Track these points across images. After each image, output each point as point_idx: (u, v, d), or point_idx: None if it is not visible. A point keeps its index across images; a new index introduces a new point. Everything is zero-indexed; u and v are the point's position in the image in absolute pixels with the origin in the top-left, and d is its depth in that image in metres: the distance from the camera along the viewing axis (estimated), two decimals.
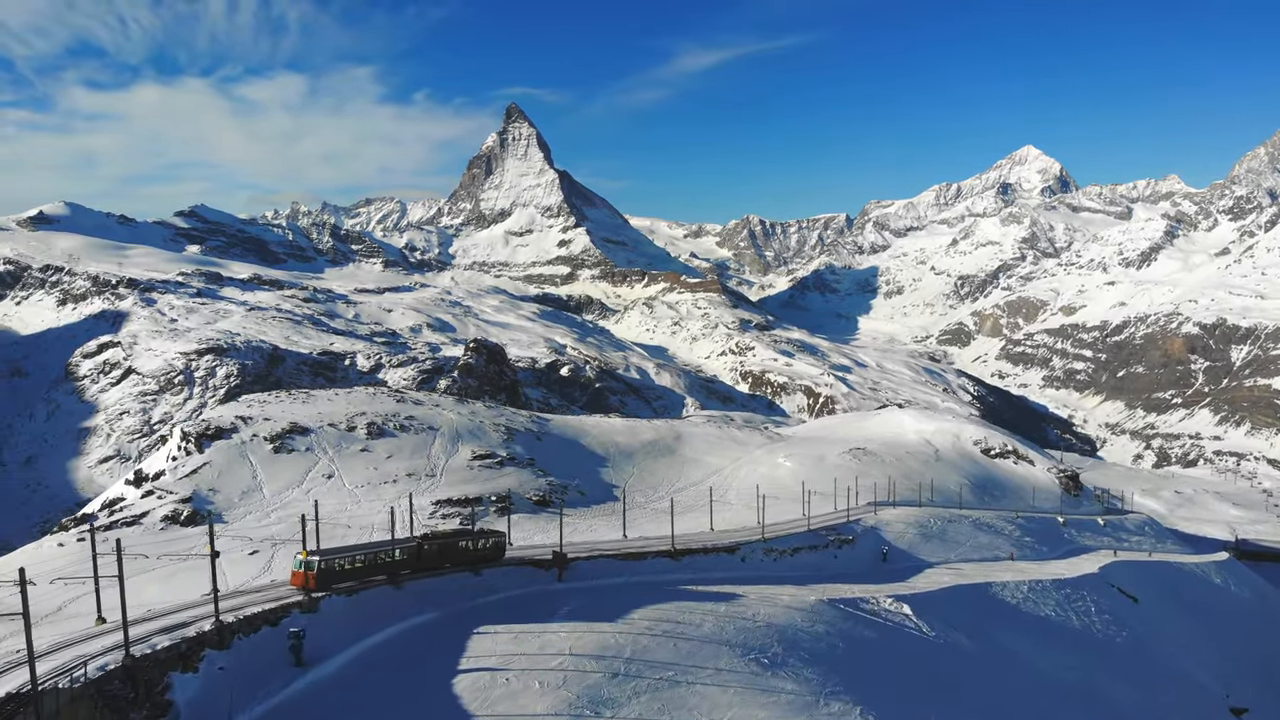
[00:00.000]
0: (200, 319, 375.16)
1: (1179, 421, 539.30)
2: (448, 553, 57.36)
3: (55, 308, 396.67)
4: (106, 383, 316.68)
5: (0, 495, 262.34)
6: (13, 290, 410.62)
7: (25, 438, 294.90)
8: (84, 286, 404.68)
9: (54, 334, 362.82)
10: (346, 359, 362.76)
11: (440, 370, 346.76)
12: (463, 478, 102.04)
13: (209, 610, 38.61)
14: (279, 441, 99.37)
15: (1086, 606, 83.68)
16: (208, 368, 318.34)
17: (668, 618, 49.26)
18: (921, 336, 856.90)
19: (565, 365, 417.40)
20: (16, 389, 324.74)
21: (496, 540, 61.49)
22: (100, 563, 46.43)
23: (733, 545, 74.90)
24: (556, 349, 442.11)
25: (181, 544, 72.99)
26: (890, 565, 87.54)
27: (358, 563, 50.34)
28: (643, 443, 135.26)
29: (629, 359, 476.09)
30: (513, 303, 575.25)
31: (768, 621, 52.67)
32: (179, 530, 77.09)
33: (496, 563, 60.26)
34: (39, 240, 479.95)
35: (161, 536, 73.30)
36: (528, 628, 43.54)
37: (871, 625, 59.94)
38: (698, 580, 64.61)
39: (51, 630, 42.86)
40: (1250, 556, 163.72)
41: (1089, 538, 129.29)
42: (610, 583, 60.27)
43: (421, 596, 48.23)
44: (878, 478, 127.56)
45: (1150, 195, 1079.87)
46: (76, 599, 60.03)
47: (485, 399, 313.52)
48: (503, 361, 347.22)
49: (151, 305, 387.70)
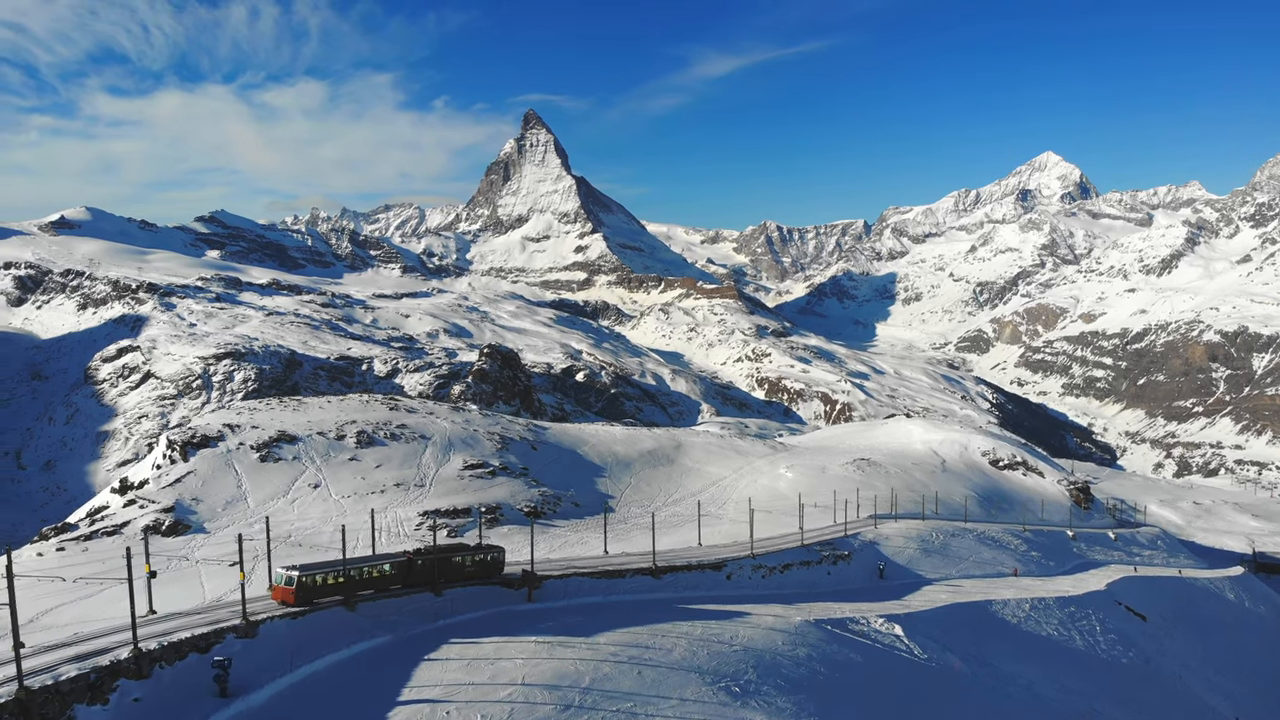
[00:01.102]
0: (219, 324, 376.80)
1: (1200, 430, 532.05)
2: (442, 568, 55.14)
3: (75, 312, 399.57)
4: (125, 386, 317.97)
5: (20, 498, 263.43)
6: (34, 294, 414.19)
7: (45, 441, 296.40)
8: (104, 291, 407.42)
9: (74, 338, 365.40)
10: (364, 364, 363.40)
11: (456, 375, 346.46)
12: (453, 488, 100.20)
13: (151, 631, 37.16)
14: (266, 450, 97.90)
15: (1091, 626, 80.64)
16: (225, 372, 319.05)
17: (637, 642, 47.02)
18: (940, 343, 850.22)
19: (581, 371, 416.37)
20: (37, 392, 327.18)
21: (494, 555, 59.18)
22: (77, 572, 45.27)
23: (719, 562, 71.90)
24: (572, 354, 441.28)
25: (161, 555, 71.84)
26: (887, 582, 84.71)
27: (342, 577, 48.54)
28: (641, 452, 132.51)
29: (644, 365, 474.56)
30: (529, 308, 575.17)
31: (745, 645, 50.28)
32: (160, 541, 75.74)
33: (490, 580, 58.03)
34: (60, 245, 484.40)
35: (141, 547, 71.98)
36: (483, 653, 41.29)
37: (859, 648, 57.15)
38: (678, 600, 62.01)
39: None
40: (1268, 569, 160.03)
41: (1099, 552, 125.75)
42: (583, 602, 57.89)
43: (376, 619, 46.10)
44: (881, 489, 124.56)
45: (1171, 201, 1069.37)
46: (48, 612, 58.78)
47: (499, 404, 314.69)
48: (517, 367, 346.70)
49: (171, 310, 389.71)
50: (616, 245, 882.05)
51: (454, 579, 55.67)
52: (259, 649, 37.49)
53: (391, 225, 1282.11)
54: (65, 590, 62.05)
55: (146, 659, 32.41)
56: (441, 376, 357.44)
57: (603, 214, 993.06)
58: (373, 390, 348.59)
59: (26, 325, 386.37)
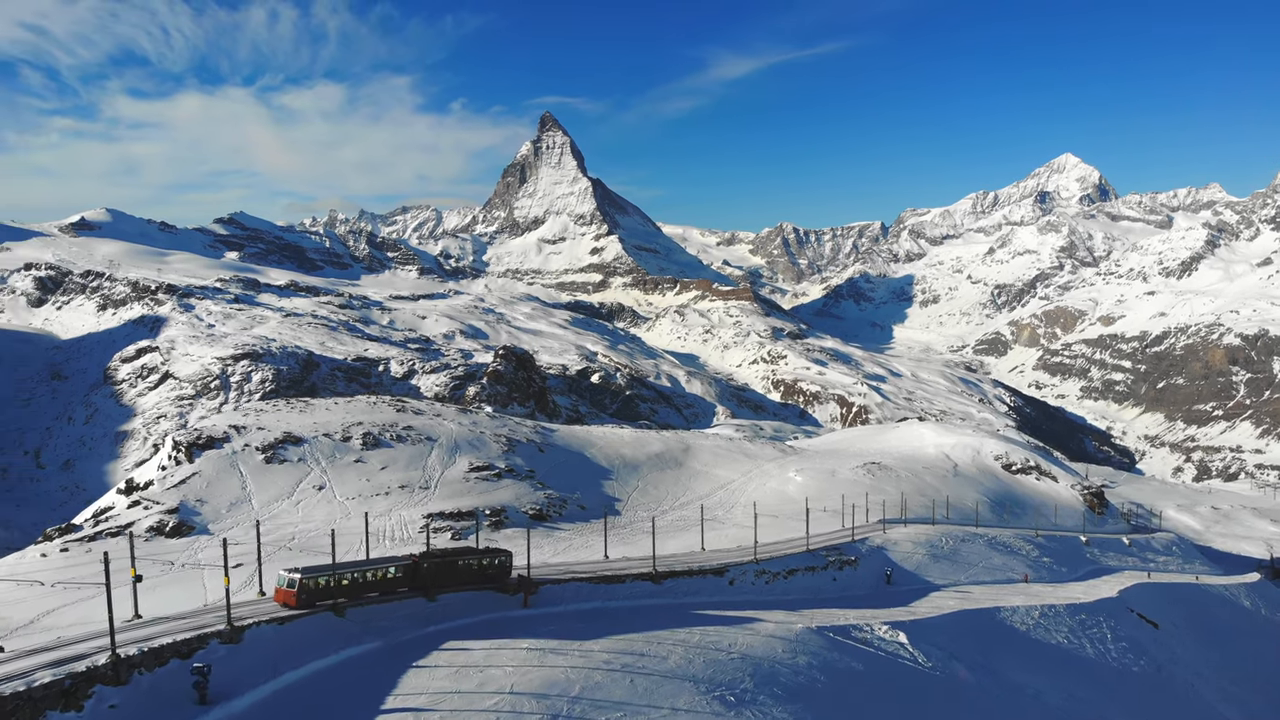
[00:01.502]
0: (237, 324, 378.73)
1: (1220, 434, 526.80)
2: (448, 572, 54.31)
3: (95, 313, 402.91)
4: (144, 387, 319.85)
5: (39, 497, 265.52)
6: (54, 295, 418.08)
7: (64, 441, 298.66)
8: (124, 292, 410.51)
9: (94, 339, 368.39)
10: (380, 365, 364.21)
11: (472, 377, 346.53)
12: (458, 490, 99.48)
13: (135, 636, 36.84)
14: (271, 452, 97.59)
15: (1102, 633, 79.00)
16: (243, 373, 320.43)
17: (632, 649, 45.93)
18: (958, 346, 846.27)
19: (596, 372, 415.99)
20: (57, 392, 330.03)
21: (502, 559, 58.15)
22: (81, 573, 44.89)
23: (721, 567, 70.21)
24: (588, 356, 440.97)
25: (164, 556, 71.84)
26: (894, 588, 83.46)
27: (345, 580, 48.14)
28: (649, 455, 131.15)
29: (660, 367, 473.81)
30: (545, 310, 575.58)
31: (743, 653, 49.08)
32: (164, 542, 75.72)
33: (495, 585, 57.12)
34: (81, 246, 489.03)
35: (145, 548, 71.92)
36: (472, 660, 40.68)
37: (861, 656, 55.83)
38: (678, 605, 61.05)
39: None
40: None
41: (1113, 558, 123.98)
42: (580, 608, 56.79)
43: (365, 624, 45.46)
44: (891, 493, 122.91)
45: (1191, 204, 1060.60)
46: (49, 613, 58.73)
47: (514, 406, 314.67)
48: (532, 368, 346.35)
49: (189, 311, 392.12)
50: (632, 247, 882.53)
51: (460, 583, 54.82)
52: (243, 655, 37.03)
53: (409, 227, 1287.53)
54: (68, 592, 62.12)
55: (125, 665, 32.01)
56: (457, 378, 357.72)
57: (618, 216, 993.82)
58: (390, 391, 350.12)
59: (47, 326, 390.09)
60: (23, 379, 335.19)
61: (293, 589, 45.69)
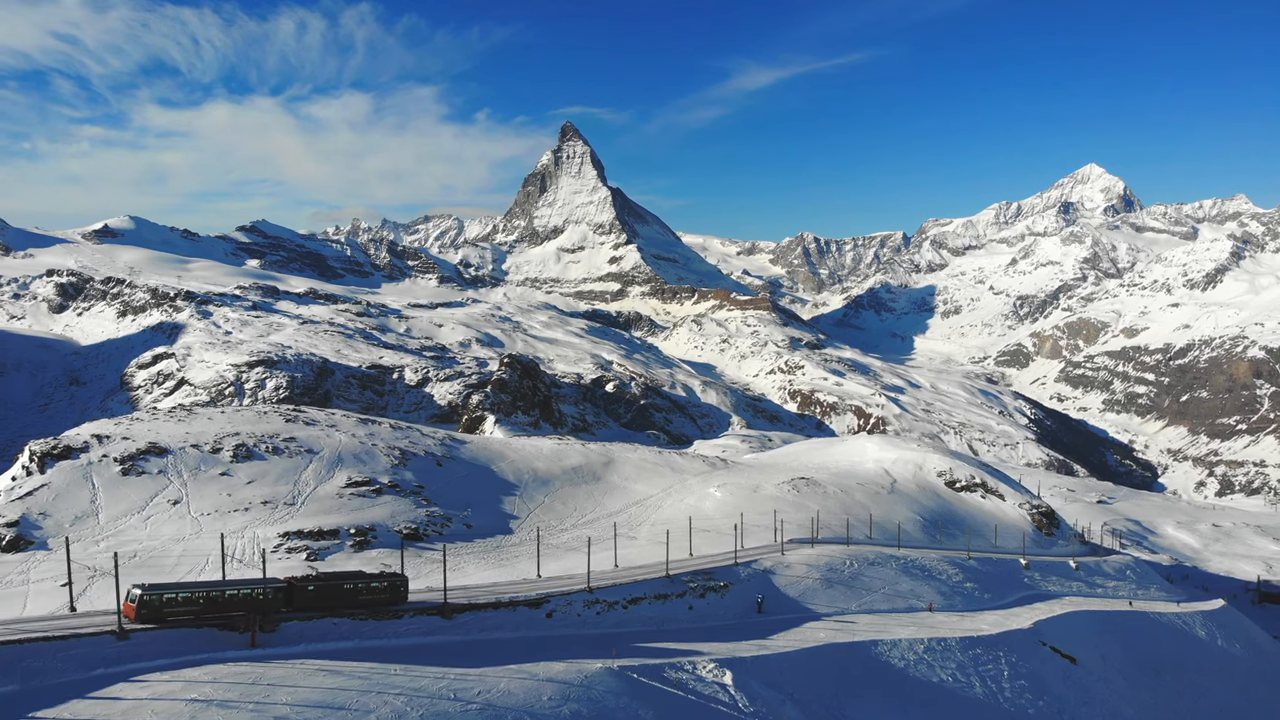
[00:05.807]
0: (254, 332, 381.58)
1: (1243, 449, 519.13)
2: (329, 595, 52.64)
3: (115, 319, 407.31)
4: (160, 393, 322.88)
5: None
6: (75, 301, 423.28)
7: None
8: (143, 299, 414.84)
9: (112, 345, 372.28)
10: (395, 372, 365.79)
11: (485, 385, 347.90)
12: (327, 507, 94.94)
13: None
14: (129, 463, 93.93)
15: (998, 670, 71.92)
16: (258, 380, 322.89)
17: (335, 701, 38.81)
18: (979, 357, 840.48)
19: (610, 381, 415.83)
20: (74, 398, 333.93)
21: (393, 583, 55.80)
22: None
23: (540, 598, 63.00)
24: (603, 365, 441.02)
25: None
26: (764, 618, 75.90)
27: (198, 599, 47.34)
28: (565, 468, 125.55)
29: (675, 376, 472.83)
30: (561, 318, 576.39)
31: (486, 703, 42.00)
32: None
33: (387, 611, 54.38)
34: (103, 253, 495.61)
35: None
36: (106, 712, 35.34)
37: (659, 701, 48.99)
38: (466, 644, 54.12)
39: None
40: (1272, 599, 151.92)
41: (1055, 583, 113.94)
42: (325, 647, 49.40)
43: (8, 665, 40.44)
44: (814, 511, 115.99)
45: (1216, 215, 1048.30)
46: None
47: (518, 414, 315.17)
48: (537, 377, 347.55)
49: (207, 318, 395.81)
50: (651, 256, 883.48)
51: (347, 607, 53.46)
52: None
53: (430, 236, 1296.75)
54: None
55: None
56: (470, 385, 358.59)
57: (638, 225, 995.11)
58: (403, 399, 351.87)
59: (67, 331, 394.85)
60: (41, 384, 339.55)
61: (133, 603, 45.77)
